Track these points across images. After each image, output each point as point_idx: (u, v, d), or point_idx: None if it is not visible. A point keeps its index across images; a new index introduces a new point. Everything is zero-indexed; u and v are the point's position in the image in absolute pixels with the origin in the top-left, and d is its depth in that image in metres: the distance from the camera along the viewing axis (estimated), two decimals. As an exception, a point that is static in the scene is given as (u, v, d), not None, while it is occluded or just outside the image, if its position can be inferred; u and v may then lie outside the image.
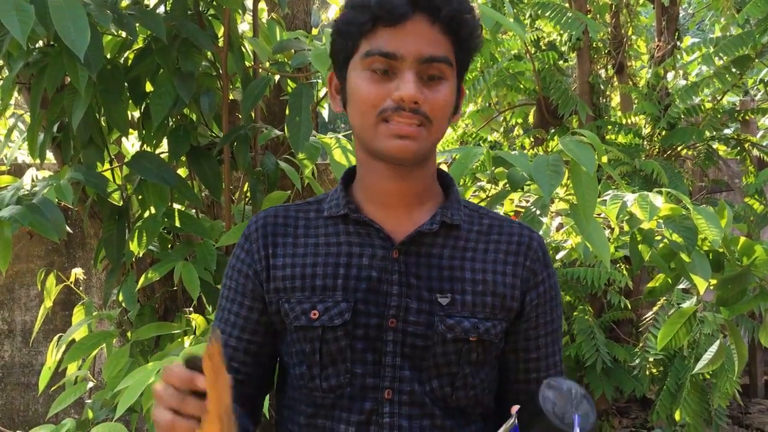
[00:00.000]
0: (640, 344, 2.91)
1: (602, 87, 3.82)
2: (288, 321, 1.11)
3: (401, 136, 1.02)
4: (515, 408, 0.91)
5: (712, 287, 1.86)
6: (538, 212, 1.69)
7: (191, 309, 2.05)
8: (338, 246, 1.12)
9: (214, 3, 2.07)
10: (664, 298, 2.63)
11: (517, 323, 1.15)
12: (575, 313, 3.02)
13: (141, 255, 2.07)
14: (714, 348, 2.03)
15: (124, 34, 2.01)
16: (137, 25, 1.82)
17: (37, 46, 1.94)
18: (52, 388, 2.37)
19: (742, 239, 1.86)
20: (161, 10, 2.08)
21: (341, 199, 1.14)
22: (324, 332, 1.08)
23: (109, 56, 2.01)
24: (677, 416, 2.65)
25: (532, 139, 4.03)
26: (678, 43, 3.91)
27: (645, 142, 3.64)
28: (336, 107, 1.14)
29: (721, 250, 1.84)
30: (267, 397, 1.51)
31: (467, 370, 1.10)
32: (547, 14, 3.41)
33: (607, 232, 2.02)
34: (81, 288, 3.31)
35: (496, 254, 1.14)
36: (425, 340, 1.08)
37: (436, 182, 1.18)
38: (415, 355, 1.08)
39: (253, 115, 2.16)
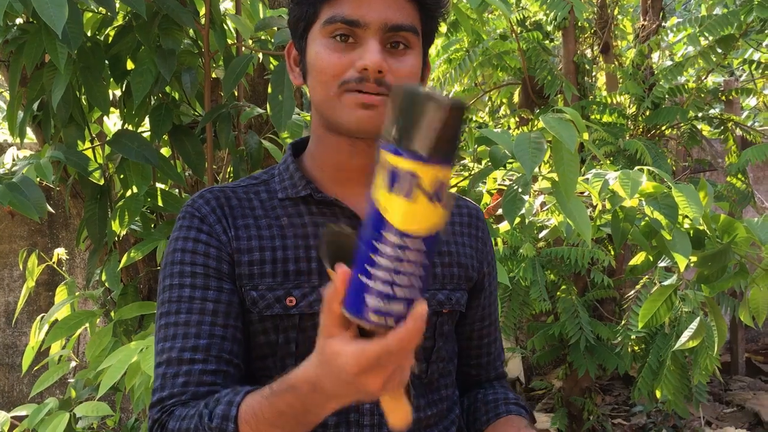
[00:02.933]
0: (623, 322, 2.93)
1: (588, 67, 3.81)
2: (255, 310, 1.01)
3: (366, 105, 0.95)
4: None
5: (693, 265, 1.88)
6: (520, 190, 1.70)
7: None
8: (304, 227, 1.04)
9: (196, -21, 2.05)
10: (646, 276, 2.65)
11: (476, 295, 1.17)
12: (559, 292, 3.04)
13: (124, 234, 2.06)
14: (694, 325, 2.05)
15: (104, 11, 1.99)
16: (117, 1, 1.80)
17: (15, 22, 1.92)
18: (36, 368, 2.37)
19: (723, 217, 1.87)
20: (142, -14, 2.06)
21: (298, 179, 1.06)
22: (301, 320, 1.01)
23: (89, 33, 1.99)
24: (658, 393, 2.68)
25: (517, 119, 4.02)
26: (663, 23, 3.91)
27: (629, 122, 3.65)
28: (295, 80, 1.06)
29: (701, 227, 1.85)
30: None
31: (440, 343, 1.11)
32: (533, -7, 3.41)
33: (589, 210, 2.03)
34: (64, 268, 3.29)
35: (452, 226, 1.14)
36: None
37: None
38: None
39: (236, 93, 2.15)
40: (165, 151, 2.23)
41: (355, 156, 1.04)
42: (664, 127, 3.62)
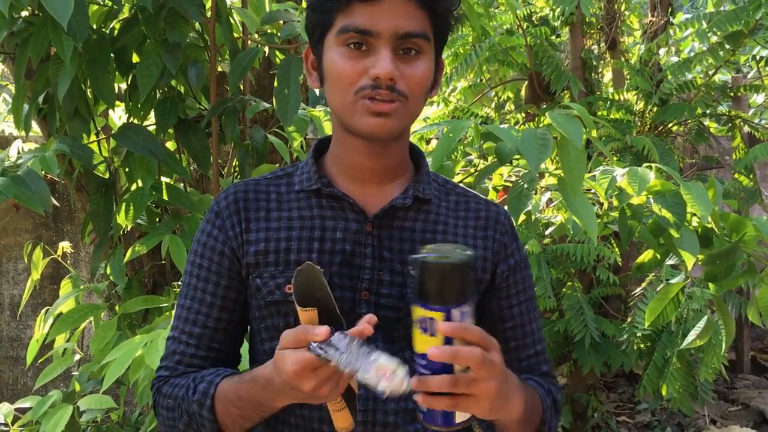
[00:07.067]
0: (629, 320, 2.92)
1: (594, 63, 3.79)
2: (260, 296, 1.10)
3: (379, 113, 1.01)
4: None
5: (700, 263, 1.86)
6: (526, 186, 1.68)
7: (180, 282, 2.05)
8: (312, 220, 1.11)
9: (202, -27, 2.04)
10: (653, 273, 2.64)
11: (489, 295, 1.17)
12: (564, 289, 3.03)
13: (129, 228, 2.06)
14: (702, 323, 2.04)
15: (110, 4, 1.98)
16: (123, -6, 1.79)
17: (21, 15, 1.91)
18: (40, 360, 2.37)
19: (732, 215, 1.86)
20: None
21: (312, 173, 1.13)
22: None
23: (95, 26, 1.98)
24: (664, 391, 2.67)
25: (523, 115, 4.00)
26: (671, 19, 3.89)
27: (636, 119, 3.63)
28: (313, 84, 1.12)
29: (709, 225, 1.84)
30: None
31: None
32: (540, -12, 3.39)
33: (596, 207, 2.01)
34: (69, 262, 3.30)
35: (465, 229, 1.16)
36: (397, 311, 1.09)
37: (408, 156, 1.18)
38: (388, 326, 1.09)
39: (242, 87, 2.14)
40: (170, 145, 2.22)
41: (371, 157, 1.10)
42: (671, 124, 3.60)
